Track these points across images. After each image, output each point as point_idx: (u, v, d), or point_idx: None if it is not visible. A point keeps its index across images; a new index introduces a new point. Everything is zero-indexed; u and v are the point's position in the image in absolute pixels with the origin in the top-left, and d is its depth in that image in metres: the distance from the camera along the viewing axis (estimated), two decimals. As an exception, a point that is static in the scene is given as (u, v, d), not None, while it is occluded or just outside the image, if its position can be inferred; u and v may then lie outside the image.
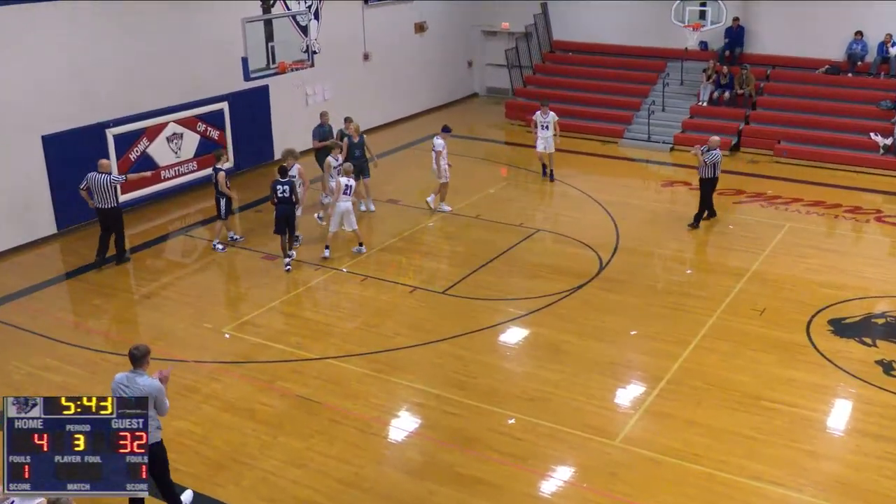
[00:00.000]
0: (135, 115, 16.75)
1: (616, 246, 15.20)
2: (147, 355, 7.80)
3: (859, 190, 18.33)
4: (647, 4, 23.33)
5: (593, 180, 18.96)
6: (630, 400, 10.53)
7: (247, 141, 19.22)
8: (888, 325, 12.37)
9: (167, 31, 17.16)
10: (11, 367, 11.34)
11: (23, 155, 15.06)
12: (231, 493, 8.84)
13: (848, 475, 9.04)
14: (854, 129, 20.34)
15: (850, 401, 10.48)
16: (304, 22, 17.69)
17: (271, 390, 10.77)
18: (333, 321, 12.67)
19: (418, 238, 15.72)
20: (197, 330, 12.36)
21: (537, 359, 11.51)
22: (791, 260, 14.51)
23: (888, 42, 20.91)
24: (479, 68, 27.33)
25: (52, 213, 15.71)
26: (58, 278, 14.34)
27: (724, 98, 22.01)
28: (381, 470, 9.27)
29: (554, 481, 9.05)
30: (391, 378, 11.02)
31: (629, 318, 12.47)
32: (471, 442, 9.65)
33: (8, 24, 14.45)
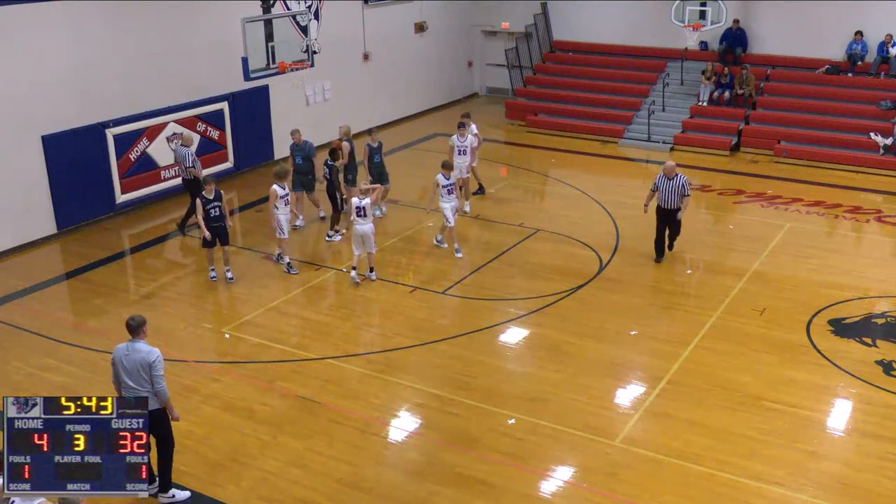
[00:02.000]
0: (135, 115, 16.74)
1: (616, 246, 15.19)
2: (143, 325, 8.13)
3: (859, 190, 18.32)
4: (647, 4, 23.33)
5: (593, 180, 18.95)
6: (630, 400, 10.52)
7: (247, 141, 19.20)
8: (888, 325, 12.36)
9: (167, 31, 17.15)
10: (11, 367, 11.34)
11: (23, 155, 15.04)
12: (231, 493, 8.83)
13: (849, 475, 9.03)
14: (854, 129, 20.33)
15: (850, 401, 10.47)
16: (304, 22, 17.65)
17: (271, 390, 10.76)
18: (333, 321, 12.66)
19: (418, 238, 15.71)
20: (197, 330, 12.36)
21: (538, 359, 11.50)
22: (791, 260, 14.50)
23: (888, 42, 20.90)
24: (479, 68, 27.33)
25: (52, 213, 15.69)
26: (57, 278, 14.33)
27: (725, 98, 22.00)
28: (381, 470, 9.26)
29: (554, 481, 9.04)
30: (391, 378, 11.01)
31: (629, 319, 12.46)
32: (471, 442, 9.64)
33: (8, 23, 14.43)
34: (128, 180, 16.79)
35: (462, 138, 16.36)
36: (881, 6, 20.91)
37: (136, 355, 8.03)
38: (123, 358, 8.09)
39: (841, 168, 19.62)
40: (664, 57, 23.70)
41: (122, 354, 8.10)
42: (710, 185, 18.71)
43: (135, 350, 8.05)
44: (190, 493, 8.73)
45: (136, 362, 8.03)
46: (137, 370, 8.03)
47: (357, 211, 13.32)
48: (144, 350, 8.05)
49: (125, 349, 8.10)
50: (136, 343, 8.08)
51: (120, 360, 8.11)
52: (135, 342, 8.09)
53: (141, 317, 8.20)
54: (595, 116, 23.00)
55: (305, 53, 16.61)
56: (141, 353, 8.03)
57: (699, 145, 21.27)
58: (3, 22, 14.37)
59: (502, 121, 24.06)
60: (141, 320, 8.16)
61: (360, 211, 13.28)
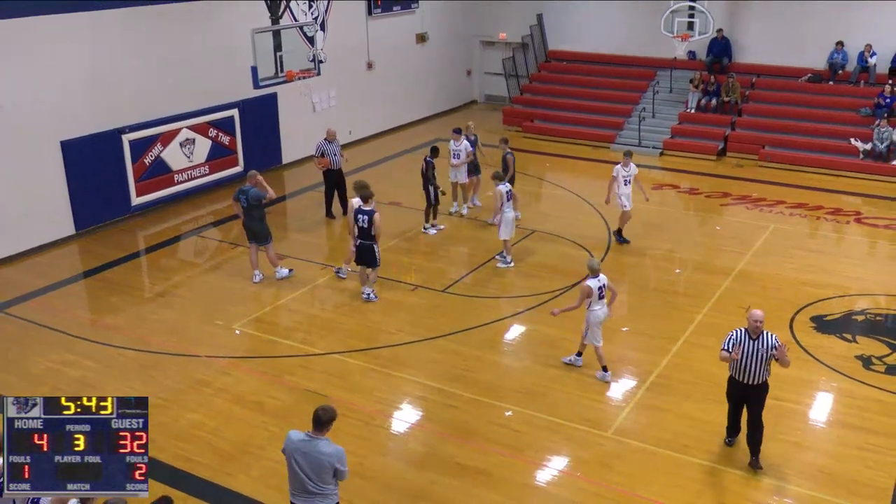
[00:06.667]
0: (149, 121, 16.72)
1: (608, 246, 15.17)
2: (333, 421, 6.72)
3: (840, 193, 18.29)
4: (638, 16, 23.32)
5: (586, 183, 18.92)
6: (622, 393, 10.50)
7: (256, 146, 19.17)
8: (868, 321, 12.35)
9: (180, 42, 17.12)
10: (32, 361, 11.32)
11: (43, 160, 15.03)
12: (242, 482, 8.82)
13: (831, 465, 9.02)
14: (835, 134, 20.31)
15: (831, 394, 10.46)
16: (310, 33, 17.67)
17: (279, 384, 10.74)
18: (338, 318, 12.64)
19: (419, 238, 15.68)
20: (208, 326, 12.33)
21: (534, 354, 11.48)
22: (775, 260, 14.48)
23: (867, 52, 20.88)
24: (477, 77, 27.29)
25: (71, 215, 15.67)
26: (76, 277, 14.31)
27: (711, 105, 22.00)
28: (384, 460, 9.24)
29: (550, 471, 9.02)
30: (394, 372, 10.99)
31: (621, 316, 12.41)
32: (470, 434, 9.63)
33: (28, 35, 14.41)
34: (142, 184, 16.77)
35: (457, 143, 16.34)
36: (861, 18, 20.91)
37: (313, 455, 6.62)
38: (298, 455, 6.66)
39: (822, 172, 19.60)
40: (654, 66, 23.67)
41: (300, 452, 6.66)
42: (698, 188, 18.70)
43: (315, 449, 6.63)
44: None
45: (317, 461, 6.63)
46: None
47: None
48: (326, 452, 6.61)
49: (303, 447, 6.65)
50: (318, 441, 6.65)
51: (291, 454, 6.71)
52: (316, 439, 6.66)
53: (333, 410, 6.74)
54: (588, 123, 22.98)
55: (312, 63, 16.60)
56: (321, 454, 6.60)
57: (687, 150, 21.25)
58: (24, 33, 14.34)
59: (500, 127, 23.99)
60: (333, 414, 6.69)
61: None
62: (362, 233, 12.60)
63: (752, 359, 8.38)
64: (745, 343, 8.36)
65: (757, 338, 8.36)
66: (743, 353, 8.37)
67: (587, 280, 10.35)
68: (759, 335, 8.35)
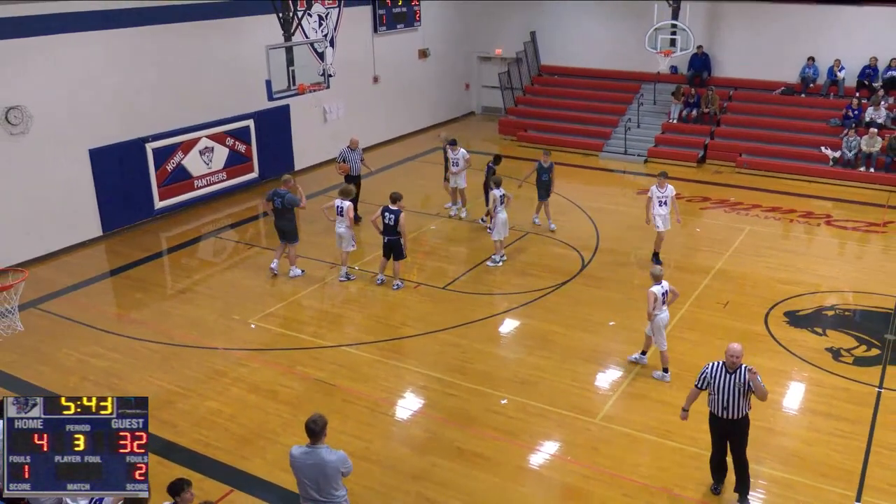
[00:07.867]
0: (171, 130, 16.73)
1: (597, 247, 15.18)
2: (325, 427, 6.59)
3: (811, 197, 18.29)
4: (624, 33, 23.34)
5: (576, 188, 18.93)
6: (609, 383, 10.51)
7: (270, 154, 19.18)
8: (837, 316, 12.36)
9: (200, 58, 17.13)
10: (62, 353, 11.34)
11: (72, 166, 15.04)
12: (257, 465, 8.83)
13: (802, 449, 9.04)
14: (807, 143, 20.31)
15: (803, 384, 10.47)
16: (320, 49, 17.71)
17: (292, 374, 10.76)
18: (346, 313, 12.65)
19: (421, 239, 15.69)
20: (226, 321, 12.34)
21: (527, 347, 11.49)
22: (751, 259, 14.49)
23: (837, 66, 20.92)
24: (475, 89, 27.27)
25: (98, 217, 15.68)
26: (103, 275, 14.32)
27: (692, 116, 22.02)
28: (388, 445, 9.25)
29: (542, 455, 9.04)
30: (398, 363, 11.01)
31: (609, 311, 12.45)
32: (469, 420, 9.64)
33: (58, 50, 14.43)
34: (165, 189, 16.78)
35: (455, 153, 16.32)
36: (831, 34, 20.95)
37: (318, 465, 6.52)
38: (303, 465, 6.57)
39: (795, 178, 19.61)
40: (639, 80, 23.69)
41: (305, 462, 6.56)
42: (680, 193, 18.58)
43: (318, 458, 6.52)
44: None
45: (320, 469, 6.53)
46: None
47: (338, 210, 13.31)
48: (328, 458, 6.51)
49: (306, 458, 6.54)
50: (318, 450, 6.53)
51: (299, 468, 6.62)
52: (316, 448, 6.54)
53: (323, 419, 6.57)
54: (578, 132, 22.98)
55: (322, 76, 16.61)
56: (324, 461, 6.50)
57: (670, 158, 21.25)
58: (55, 49, 14.37)
59: (496, 136, 24.04)
60: (323, 424, 6.54)
61: (340, 211, 13.29)
62: (388, 230, 12.96)
63: (731, 394, 7.74)
64: (721, 377, 7.77)
65: (734, 371, 7.73)
66: (720, 389, 7.77)
67: (652, 287, 10.24)
68: (735, 369, 7.74)
